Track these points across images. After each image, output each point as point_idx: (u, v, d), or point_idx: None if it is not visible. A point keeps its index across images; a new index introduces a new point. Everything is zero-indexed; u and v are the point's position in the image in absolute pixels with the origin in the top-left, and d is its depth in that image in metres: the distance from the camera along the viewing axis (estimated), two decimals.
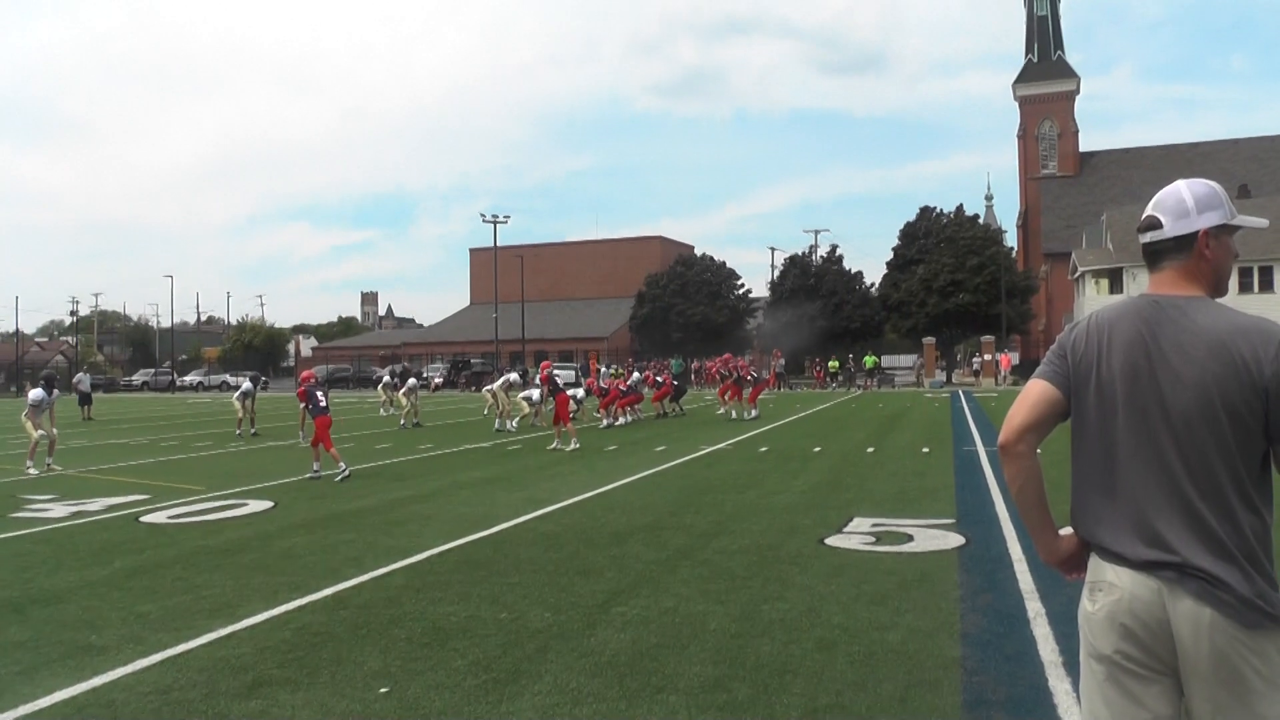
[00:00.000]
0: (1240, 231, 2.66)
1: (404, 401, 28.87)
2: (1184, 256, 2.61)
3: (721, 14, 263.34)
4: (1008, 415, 2.68)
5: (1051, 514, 2.73)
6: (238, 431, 25.87)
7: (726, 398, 30.58)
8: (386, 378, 39.05)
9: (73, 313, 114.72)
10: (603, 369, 39.62)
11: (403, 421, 28.17)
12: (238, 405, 26.22)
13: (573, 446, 19.52)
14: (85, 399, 37.08)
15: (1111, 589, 2.51)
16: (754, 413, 29.58)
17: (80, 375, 41.21)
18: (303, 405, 17.82)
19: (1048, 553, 2.76)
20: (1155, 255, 2.66)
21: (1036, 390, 2.68)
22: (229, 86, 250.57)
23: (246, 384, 27.56)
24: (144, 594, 7.76)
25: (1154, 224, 2.64)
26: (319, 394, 16.64)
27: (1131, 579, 2.48)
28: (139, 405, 51.01)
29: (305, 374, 19.18)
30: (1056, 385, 2.66)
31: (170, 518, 11.76)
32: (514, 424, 25.98)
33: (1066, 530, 2.75)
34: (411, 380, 30.33)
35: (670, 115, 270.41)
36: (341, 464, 15.25)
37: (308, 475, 15.50)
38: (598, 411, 27.61)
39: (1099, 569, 2.58)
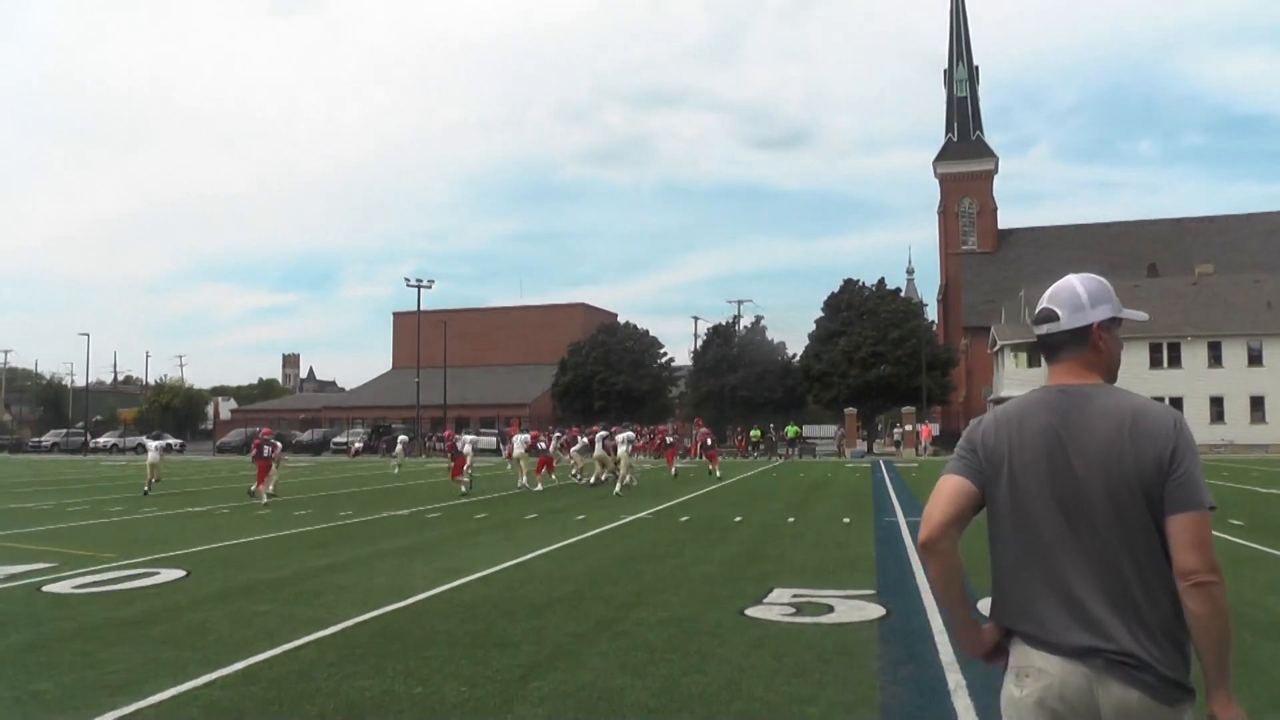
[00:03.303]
0: (1124, 324, 2.77)
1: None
2: (1080, 348, 2.70)
3: (651, 85, 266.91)
4: (925, 513, 2.71)
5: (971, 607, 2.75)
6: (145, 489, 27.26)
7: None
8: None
9: None
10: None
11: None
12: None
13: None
14: None
15: (1041, 674, 2.53)
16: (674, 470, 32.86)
17: None
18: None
19: (972, 645, 2.77)
20: (1052, 347, 2.74)
21: (951, 485, 2.72)
22: (151, 141, 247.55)
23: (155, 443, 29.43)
24: (41, 670, 7.45)
25: (1050, 316, 2.73)
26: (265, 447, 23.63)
27: (1061, 665, 2.50)
28: (48, 467, 49.64)
29: (264, 430, 25.28)
30: (969, 479, 2.70)
31: (75, 587, 11.38)
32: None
33: (986, 623, 2.76)
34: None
35: (597, 183, 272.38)
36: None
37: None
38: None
39: (1025, 654, 2.59)
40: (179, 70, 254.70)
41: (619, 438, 29.46)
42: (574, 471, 31.86)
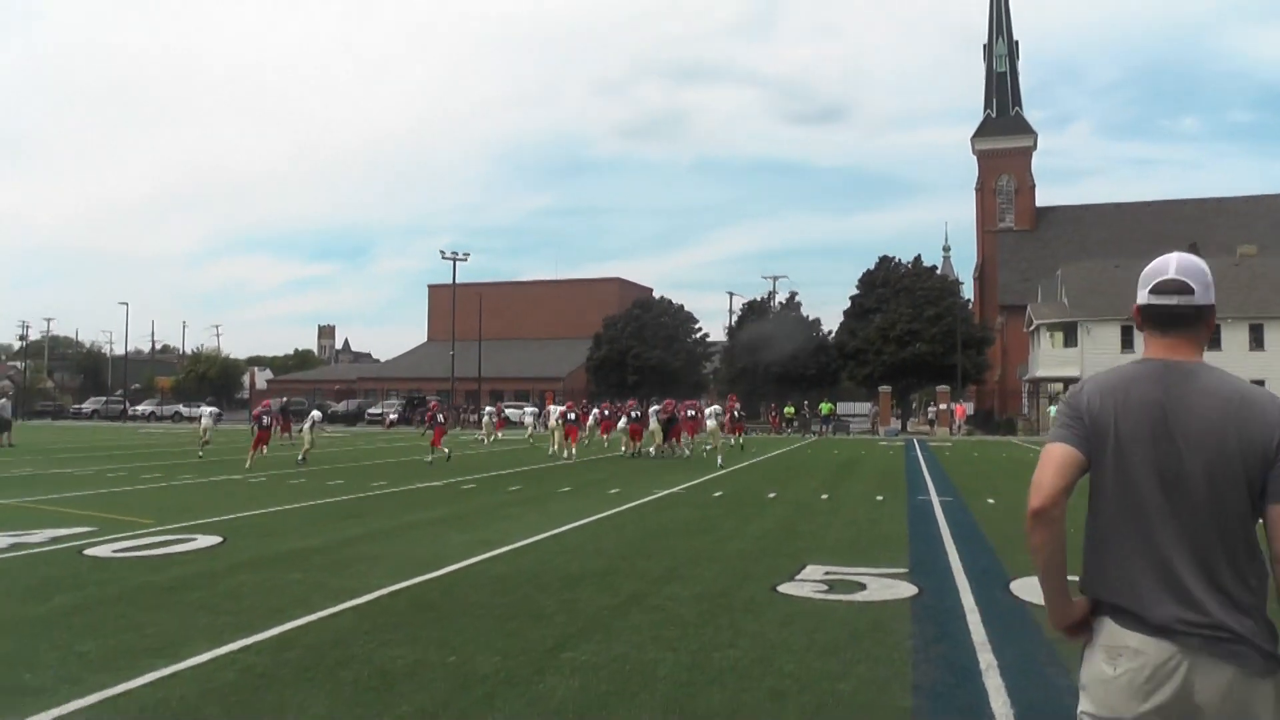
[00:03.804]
0: None
1: (306, 437, 28.73)
2: (1198, 325, 2.71)
3: (687, 60, 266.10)
4: (1035, 481, 2.67)
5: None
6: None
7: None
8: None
9: (21, 337, 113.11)
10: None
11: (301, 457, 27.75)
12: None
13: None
14: (4, 425, 36.38)
15: (1135, 655, 2.55)
16: (686, 452, 32.59)
17: (3, 401, 40.15)
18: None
19: (1063, 618, 2.74)
20: (1174, 320, 2.72)
21: (1060, 453, 2.69)
22: (188, 114, 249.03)
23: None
24: (84, 631, 7.57)
25: (1184, 288, 2.70)
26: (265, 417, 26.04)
27: (1156, 646, 2.53)
28: (88, 434, 50.22)
29: (264, 402, 24.70)
30: (1077, 447, 2.68)
31: (115, 551, 11.54)
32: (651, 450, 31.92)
33: (1077, 596, 2.75)
34: (315, 414, 30.67)
35: (632, 157, 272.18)
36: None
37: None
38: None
39: (1117, 634, 2.60)
40: (215, 44, 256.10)
41: (707, 411, 33.11)
42: (625, 448, 33.01)
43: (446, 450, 28.32)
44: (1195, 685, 2.48)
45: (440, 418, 29.29)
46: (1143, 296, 2.75)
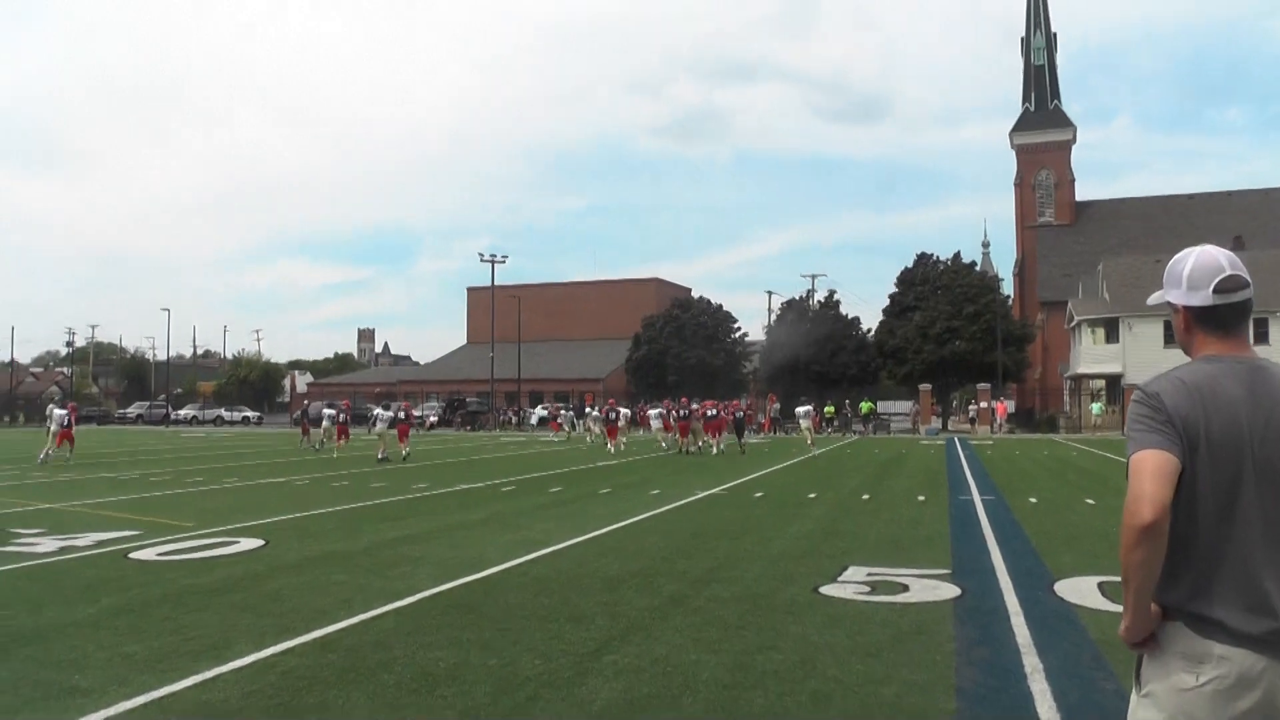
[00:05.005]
0: None
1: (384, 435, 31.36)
2: (1248, 322, 2.69)
3: (723, 58, 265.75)
4: (1136, 493, 2.49)
5: None
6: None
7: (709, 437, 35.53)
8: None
9: (69, 344, 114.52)
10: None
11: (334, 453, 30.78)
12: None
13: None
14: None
15: (1220, 663, 2.48)
16: (715, 449, 34.56)
17: (52, 407, 40.95)
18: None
19: (1142, 631, 2.61)
20: (1240, 316, 2.68)
21: (1158, 460, 2.52)
22: (227, 119, 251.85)
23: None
24: (130, 633, 7.65)
25: (1246, 284, 2.65)
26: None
27: (1242, 655, 2.46)
28: (132, 438, 50.78)
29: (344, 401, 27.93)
30: (1172, 452, 2.53)
31: (159, 554, 11.65)
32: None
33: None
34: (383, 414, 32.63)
35: (669, 156, 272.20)
36: None
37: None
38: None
39: (1197, 642, 2.52)
40: (256, 49, 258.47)
41: (798, 411, 39.15)
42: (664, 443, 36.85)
43: (407, 450, 31.16)
44: (1279, 694, 2.44)
45: (392, 414, 31.84)
46: (1201, 298, 2.66)
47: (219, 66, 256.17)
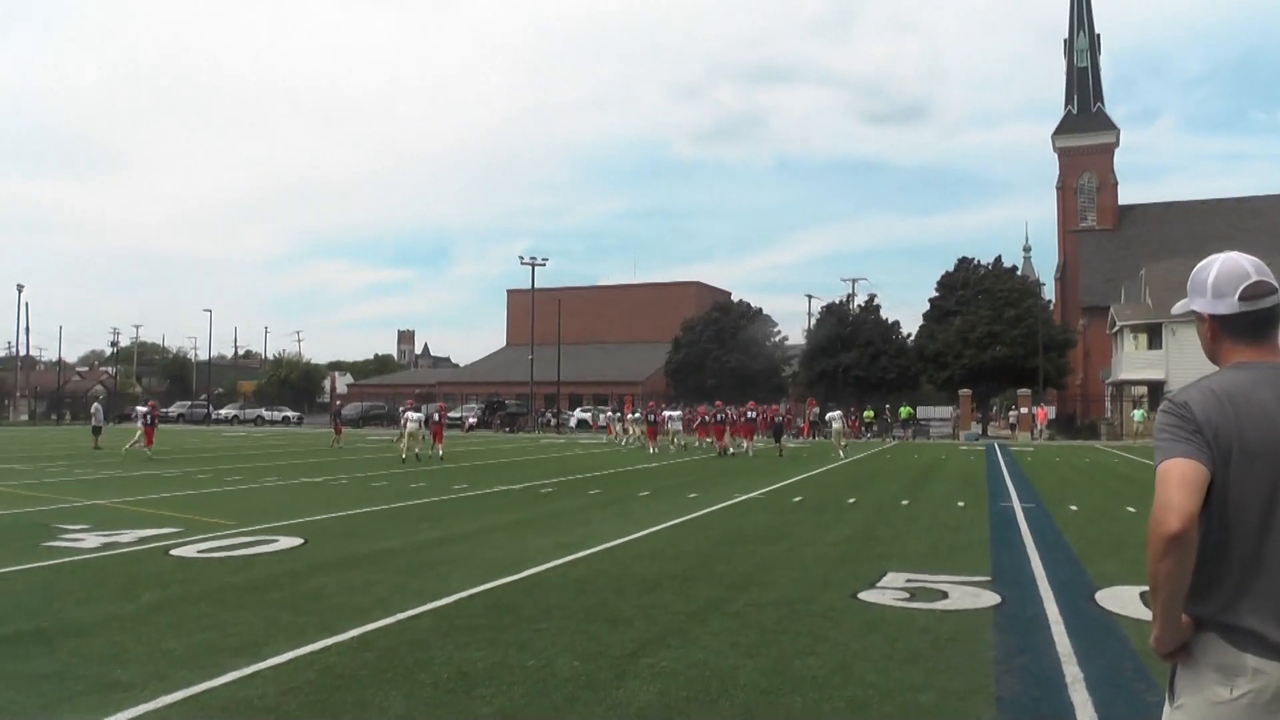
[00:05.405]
0: None
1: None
2: (1277, 327, 2.62)
3: (764, 61, 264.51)
4: (1163, 502, 2.44)
5: None
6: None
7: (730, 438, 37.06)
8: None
9: (113, 344, 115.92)
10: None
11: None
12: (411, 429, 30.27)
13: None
14: (96, 430, 37.53)
15: (1256, 675, 2.42)
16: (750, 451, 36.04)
17: (96, 406, 41.49)
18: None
19: (1174, 642, 2.56)
20: (1267, 322, 2.62)
21: (1189, 470, 2.46)
22: (266, 121, 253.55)
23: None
24: (170, 630, 7.71)
25: (1274, 289, 2.60)
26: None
27: (1277, 667, 2.41)
28: (174, 437, 51.26)
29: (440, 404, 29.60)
30: (1202, 462, 2.46)
31: (200, 552, 11.75)
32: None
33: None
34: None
35: (709, 160, 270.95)
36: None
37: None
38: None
39: (1231, 654, 2.46)
40: (293, 52, 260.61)
41: (829, 416, 39.39)
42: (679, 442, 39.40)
43: (440, 452, 31.63)
44: None
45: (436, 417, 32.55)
46: (1227, 305, 2.61)
47: (259, 69, 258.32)
